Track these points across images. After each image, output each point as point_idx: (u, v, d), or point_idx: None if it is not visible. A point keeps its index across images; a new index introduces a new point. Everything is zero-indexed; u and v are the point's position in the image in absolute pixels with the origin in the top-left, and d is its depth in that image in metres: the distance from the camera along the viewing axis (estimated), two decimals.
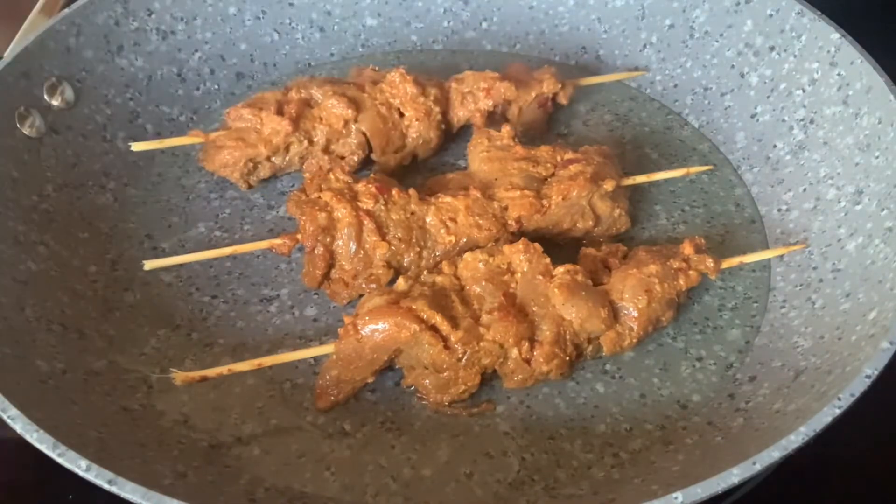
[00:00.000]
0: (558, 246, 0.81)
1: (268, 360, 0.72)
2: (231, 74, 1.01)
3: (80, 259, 0.83)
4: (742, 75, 0.96)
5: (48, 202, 0.84)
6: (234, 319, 0.81)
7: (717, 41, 0.98)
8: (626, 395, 0.75)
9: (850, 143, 0.84)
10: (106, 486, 0.58)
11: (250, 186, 0.90)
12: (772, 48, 0.93)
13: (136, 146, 0.85)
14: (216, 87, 1.00)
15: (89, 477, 0.58)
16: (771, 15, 0.93)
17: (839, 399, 0.62)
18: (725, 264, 0.80)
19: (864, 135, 0.82)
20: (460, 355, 0.71)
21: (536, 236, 0.79)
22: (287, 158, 0.88)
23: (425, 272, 0.77)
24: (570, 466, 0.71)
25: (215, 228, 0.88)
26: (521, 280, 0.74)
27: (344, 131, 0.88)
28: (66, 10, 0.89)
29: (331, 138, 0.88)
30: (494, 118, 0.92)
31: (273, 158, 0.88)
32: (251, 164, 0.88)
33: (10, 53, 0.85)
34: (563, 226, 0.82)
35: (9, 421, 0.61)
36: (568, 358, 0.73)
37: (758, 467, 0.58)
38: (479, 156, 0.85)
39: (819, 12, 0.89)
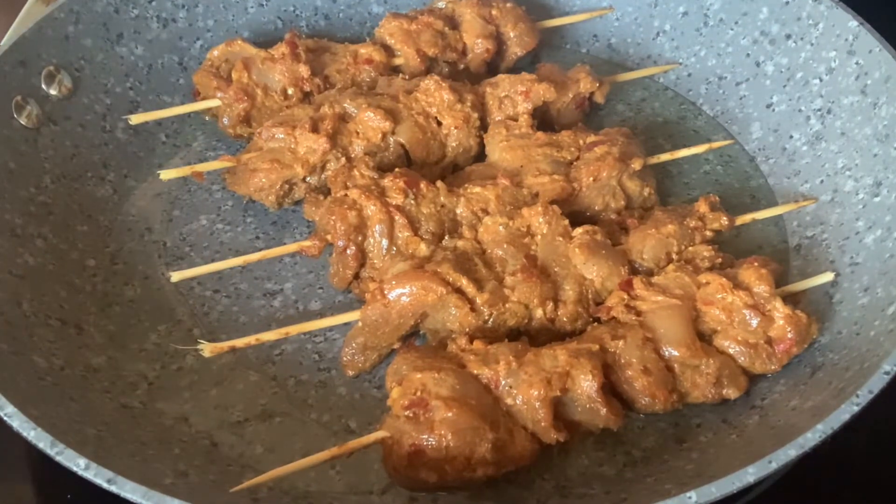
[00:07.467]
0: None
1: (294, 329, 0.72)
2: None
3: (79, 252, 0.82)
4: (758, 64, 0.94)
5: (46, 194, 0.82)
6: (236, 314, 0.80)
7: (731, 29, 0.96)
8: None
9: (868, 133, 0.82)
10: (105, 486, 0.57)
11: (280, 207, 0.85)
12: (788, 36, 0.91)
13: (165, 174, 0.81)
14: None
15: (88, 476, 0.57)
16: (787, 2, 0.91)
17: (857, 396, 0.61)
18: (739, 221, 0.83)
19: (882, 125, 0.81)
20: (486, 317, 0.71)
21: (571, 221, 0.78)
22: (323, 177, 0.83)
23: (447, 237, 0.76)
24: (581, 465, 0.69)
25: (217, 221, 0.87)
26: (542, 242, 0.75)
27: (382, 144, 0.83)
28: None
29: (368, 152, 0.83)
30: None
31: (309, 178, 0.83)
32: (287, 186, 0.83)
33: (6, 41, 0.84)
34: (594, 207, 0.82)
35: (6, 418, 0.60)
36: (591, 318, 0.74)
37: (774, 466, 0.57)
38: (500, 145, 0.84)
39: None
